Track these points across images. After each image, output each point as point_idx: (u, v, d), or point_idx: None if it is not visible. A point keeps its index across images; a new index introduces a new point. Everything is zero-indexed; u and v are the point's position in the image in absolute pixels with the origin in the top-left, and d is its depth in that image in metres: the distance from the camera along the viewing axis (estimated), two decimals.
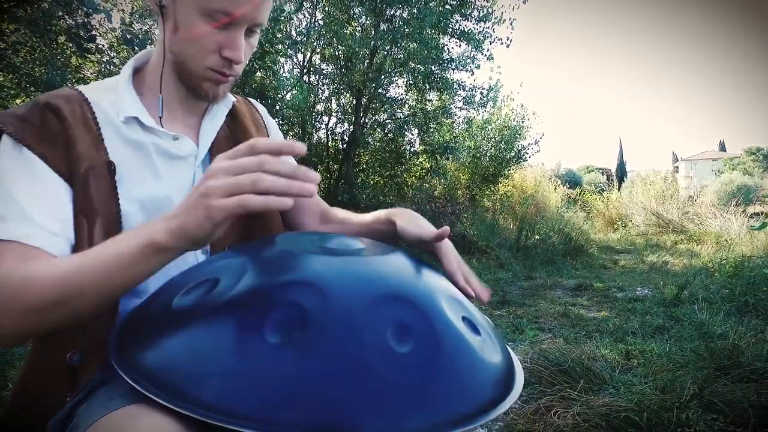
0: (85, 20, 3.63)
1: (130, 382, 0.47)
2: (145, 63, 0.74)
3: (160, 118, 0.70)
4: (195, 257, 0.72)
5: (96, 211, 0.62)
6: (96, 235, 0.61)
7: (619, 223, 9.73)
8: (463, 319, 0.59)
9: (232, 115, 0.80)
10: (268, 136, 0.86)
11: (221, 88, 0.70)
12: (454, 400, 0.50)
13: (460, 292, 0.67)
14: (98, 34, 3.99)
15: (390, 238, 0.79)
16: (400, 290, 0.56)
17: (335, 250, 0.61)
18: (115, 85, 0.69)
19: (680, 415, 1.42)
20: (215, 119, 0.76)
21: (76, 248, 0.61)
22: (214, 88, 0.69)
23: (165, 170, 0.69)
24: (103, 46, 4.28)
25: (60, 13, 3.58)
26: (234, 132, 0.79)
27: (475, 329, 0.60)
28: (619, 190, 13.20)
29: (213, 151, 0.75)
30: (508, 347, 0.67)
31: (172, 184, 0.69)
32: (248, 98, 0.89)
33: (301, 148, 0.49)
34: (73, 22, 3.64)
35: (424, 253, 0.77)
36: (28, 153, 0.60)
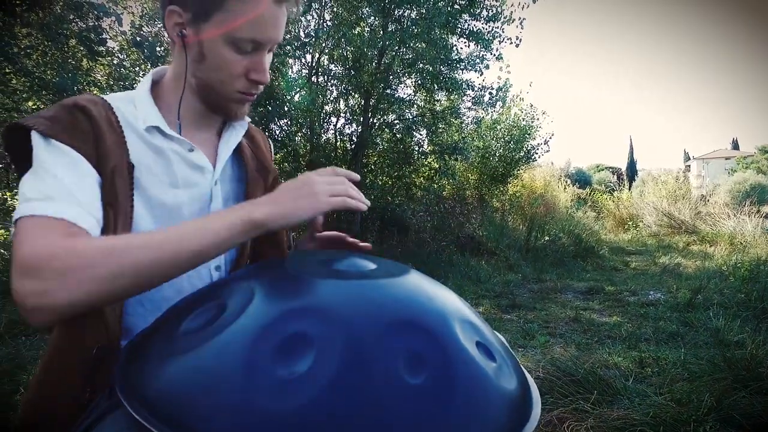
0: (96, 23, 3.65)
1: (134, 415, 0.45)
2: (160, 78, 0.74)
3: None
4: (209, 272, 0.73)
5: (118, 206, 0.63)
6: (118, 229, 0.62)
7: (630, 223, 9.62)
8: (477, 344, 0.57)
9: (248, 135, 0.82)
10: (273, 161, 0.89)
11: (246, 106, 0.73)
12: None
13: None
14: (108, 37, 4.01)
15: None
16: (411, 316, 0.54)
17: (345, 272, 0.60)
18: (134, 98, 0.70)
19: (697, 428, 1.39)
20: (231, 140, 0.77)
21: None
22: (241, 107, 0.72)
23: (183, 179, 0.71)
24: (114, 48, 4.31)
25: (71, 17, 3.60)
26: (255, 151, 0.82)
27: (490, 355, 0.58)
28: (629, 189, 13.06)
29: (246, 166, 0.78)
30: (523, 369, 0.65)
31: (187, 194, 0.71)
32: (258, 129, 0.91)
33: (356, 176, 0.68)
34: (84, 26, 3.66)
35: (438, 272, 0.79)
36: (62, 145, 0.60)
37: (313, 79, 5.90)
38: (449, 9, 5.48)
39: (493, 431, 0.50)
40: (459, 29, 5.86)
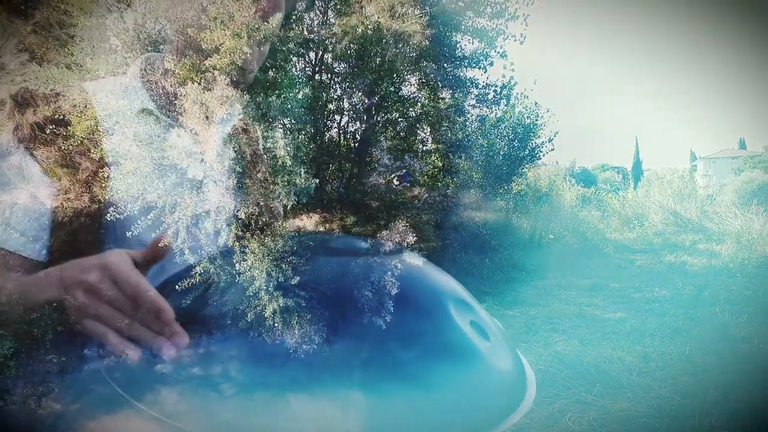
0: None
1: (116, 388, 0.45)
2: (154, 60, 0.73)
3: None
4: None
5: (86, 213, 0.62)
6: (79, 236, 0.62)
7: (636, 222, 9.54)
8: (472, 323, 0.56)
9: None
10: None
11: None
12: (461, 411, 0.47)
13: None
14: (112, 35, 4.03)
15: None
16: (406, 293, 0.53)
17: (340, 249, 0.59)
18: (127, 80, 0.70)
19: (703, 421, 1.36)
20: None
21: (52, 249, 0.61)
22: None
23: (171, 169, 0.68)
24: (118, 46, 4.33)
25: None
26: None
27: (484, 334, 0.57)
28: (635, 189, 12.96)
29: None
30: (519, 353, 0.64)
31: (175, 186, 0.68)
32: None
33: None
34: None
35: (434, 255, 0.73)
36: (23, 152, 0.60)
37: (317, 76, 5.90)
38: (453, 6, 5.46)
39: (485, 409, 0.49)
40: (463, 26, 5.84)
